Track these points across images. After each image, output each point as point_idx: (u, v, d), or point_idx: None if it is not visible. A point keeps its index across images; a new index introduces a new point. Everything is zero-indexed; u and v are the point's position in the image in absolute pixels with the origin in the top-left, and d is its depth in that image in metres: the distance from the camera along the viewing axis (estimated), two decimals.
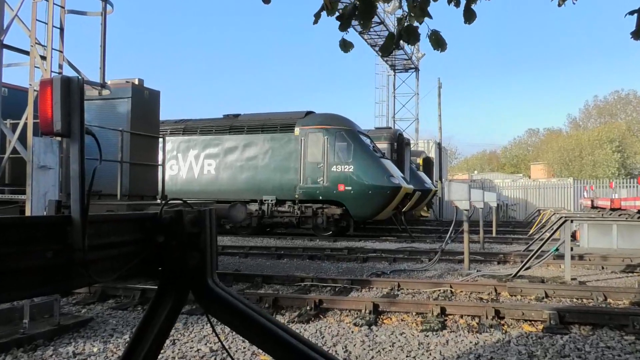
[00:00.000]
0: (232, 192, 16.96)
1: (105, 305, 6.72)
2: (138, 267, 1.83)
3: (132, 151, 9.16)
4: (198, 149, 17.63)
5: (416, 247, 13.56)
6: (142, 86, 9.60)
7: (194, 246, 1.88)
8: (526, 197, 30.05)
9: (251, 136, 17.13)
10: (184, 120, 18.90)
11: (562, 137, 53.41)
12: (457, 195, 9.62)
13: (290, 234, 17.59)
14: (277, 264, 10.83)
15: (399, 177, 16.40)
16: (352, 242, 15.15)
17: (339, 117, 17.12)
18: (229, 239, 15.76)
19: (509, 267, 10.15)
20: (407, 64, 35.32)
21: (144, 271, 1.88)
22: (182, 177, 17.67)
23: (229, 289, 1.98)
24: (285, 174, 16.44)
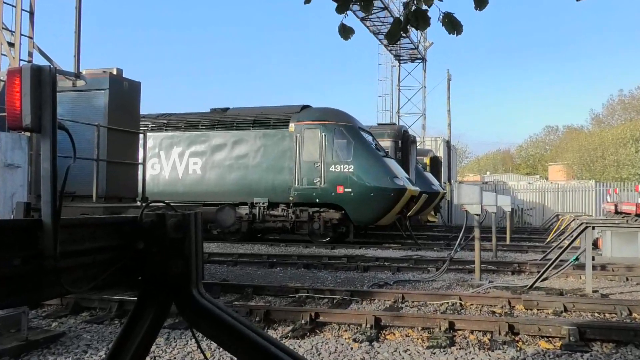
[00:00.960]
0: (220, 193, 16.94)
1: (79, 319, 6.70)
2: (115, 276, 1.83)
3: (110, 148, 9.14)
4: (182, 146, 17.62)
5: (422, 256, 13.56)
6: (120, 76, 9.58)
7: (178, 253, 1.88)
8: (543, 201, 30.12)
9: (241, 132, 17.12)
10: (167, 115, 18.87)
11: (584, 135, 53.54)
12: (467, 198, 9.63)
13: (283, 240, 17.58)
14: (269, 273, 10.82)
15: (403, 178, 16.42)
16: (351, 249, 15.16)
17: (338, 111, 17.12)
18: (216, 246, 15.74)
19: (524, 278, 10.16)
20: (413, 53, 35.36)
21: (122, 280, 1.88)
22: (164, 177, 17.65)
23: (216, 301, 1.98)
24: (279, 174, 16.44)
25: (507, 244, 16.76)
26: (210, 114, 18.27)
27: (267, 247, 15.84)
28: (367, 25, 29.33)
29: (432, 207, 23.66)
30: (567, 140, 57.74)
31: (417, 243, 16.52)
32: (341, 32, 3.61)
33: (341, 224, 16.21)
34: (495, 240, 13.40)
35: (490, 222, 13.88)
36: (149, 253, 1.88)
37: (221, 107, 18.42)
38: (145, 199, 9.48)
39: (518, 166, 74.36)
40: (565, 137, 63.88)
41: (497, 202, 12.93)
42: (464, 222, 10.31)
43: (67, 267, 1.68)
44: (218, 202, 16.82)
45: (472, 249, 12.86)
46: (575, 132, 60.39)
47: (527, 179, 44.03)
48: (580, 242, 10.09)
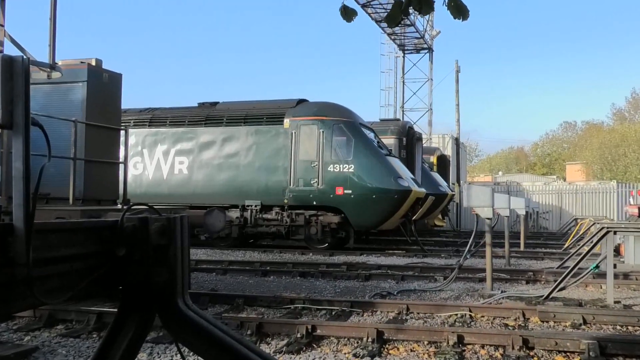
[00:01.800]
0: (208, 195, 16.93)
1: (54, 332, 6.69)
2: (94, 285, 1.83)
3: (88, 146, 9.13)
4: (167, 143, 17.61)
5: (429, 263, 13.57)
6: (100, 68, 9.57)
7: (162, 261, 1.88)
8: (560, 204, 30.17)
9: (231, 129, 17.11)
10: (151, 109, 18.85)
11: (604, 132, 53.64)
12: (478, 200, 9.64)
13: (278, 246, 17.58)
14: (262, 282, 10.82)
15: (408, 179, 16.43)
16: (352, 256, 15.16)
17: (338, 106, 17.12)
18: (204, 252, 15.72)
19: (539, 288, 10.17)
20: (418, 43, 35.42)
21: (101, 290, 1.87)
22: (148, 178, 17.64)
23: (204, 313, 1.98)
24: (273, 174, 16.44)
25: (521, 250, 16.77)
26: (197, 108, 18.26)
27: (260, 253, 15.83)
28: (368, 12, 29.38)
29: (440, 210, 23.68)
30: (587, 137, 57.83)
31: (423, 249, 16.53)
32: (343, 14, 3.58)
33: (340, 228, 16.21)
34: (508, 247, 13.41)
35: (503, 226, 13.90)
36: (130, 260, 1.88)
37: (210, 102, 18.41)
38: (126, 201, 9.46)
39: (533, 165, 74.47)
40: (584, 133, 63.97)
41: (510, 204, 12.94)
42: (474, 227, 10.32)
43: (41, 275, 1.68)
44: (206, 204, 16.76)
45: (482, 255, 12.87)
46: (596, 128, 60.51)
47: (543, 180, 44.09)
48: (600, 249, 10.11)
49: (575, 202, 29.92)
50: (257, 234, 17.08)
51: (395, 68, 36.62)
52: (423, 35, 34.29)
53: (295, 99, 17.35)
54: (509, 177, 48.06)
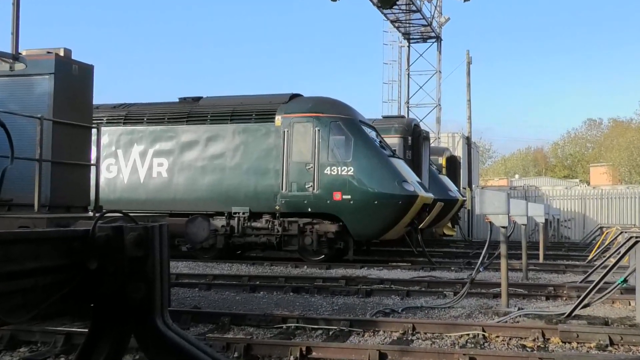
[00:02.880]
0: (190, 201, 16.91)
1: (16, 355, 6.66)
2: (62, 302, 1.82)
3: (56, 146, 9.11)
4: (145, 143, 17.59)
5: (437, 277, 13.57)
6: (69, 59, 9.56)
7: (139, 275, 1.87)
8: (584, 210, 30.23)
9: (217, 127, 17.10)
10: (126, 105, 18.83)
11: (633, 130, 53.84)
12: (491, 207, 9.64)
13: (268, 258, 17.55)
14: (251, 298, 10.80)
15: (414, 183, 16.45)
16: (351, 269, 15.16)
17: (335, 102, 17.12)
18: (185, 265, 15.68)
19: (561, 304, 10.18)
20: (425, 31, 35.50)
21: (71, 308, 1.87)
22: (122, 182, 17.61)
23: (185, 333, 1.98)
24: (263, 177, 16.43)
25: (541, 262, 16.79)
26: (178, 104, 18.25)
27: (248, 266, 15.80)
28: None
29: (449, 218, 23.69)
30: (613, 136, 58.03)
31: (431, 261, 16.53)
32: None
33: (338, 238, 16.20)
34: (526, 259, 13.42)
35: (520, 236, 13.91)
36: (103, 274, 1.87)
37: (192, 97, 18.40)
38: (99, 208, 9.44)
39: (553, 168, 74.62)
40: (610, 132, 64.17)
41: (527, 211, 12.96)
42: (487, 236, 10.31)
43: (2, 292, 1.67)
44: (188, 211, 16.74)
45: (497, 268, 12.86)
46: (623, 126, 60.70)
47: (564, 184, 44.19)
48: (629, 261, 10.11)
49: (601, 209, 29.96)
50: (245, 245, 17.05)
51: (399, 59, 36.70)
52: (430, 23, 34.37)
53: (287, 93, 17.36)
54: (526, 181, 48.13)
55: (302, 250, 16.43)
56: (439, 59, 36.19)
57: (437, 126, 35.27)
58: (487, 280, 12.72)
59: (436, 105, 35.88)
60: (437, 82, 36.01)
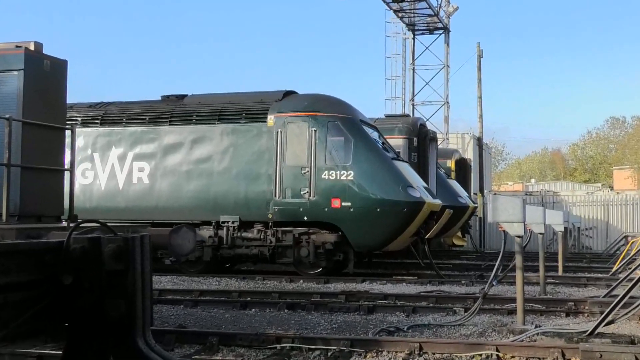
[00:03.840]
0: (174, 210, 16.88)
1: None
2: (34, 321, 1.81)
3: (26, 149, 9.09)
4: (124, 146, 17.57)
5: (446, 292, 13.56)
6: (40, 53, 9.56)
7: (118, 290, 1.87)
8: (607, 218, 30.26)
9: (203, 127, 17.09)
10: (104, 104, 18.81)
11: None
12: (505, 214, 9.64)
13: (260, 271, 17.52)
14: (241, 316, 10.79)
15: (420, 188, 16.45)
16: (351, 283, 15.14)
17: (333, 99, 17.12)
18: (169, 280, 15.65)
19: (582, 321, 10.18)
20: (432, 22, 35.58)
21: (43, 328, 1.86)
22: (99, 188, 17.58)
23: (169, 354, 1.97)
24: (254, 183, 16.41)
25: (560, 275, 16.78)
26: (161, 103, 18.24)
27: (238, 281, 15.78)
28: None
29: (459, 226, 23.69)
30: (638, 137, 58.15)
31: (440, 275, 16.52)
32: None
33: (337, 249, 16.18)
34: (544, 271, 13.42)
35: (537, 246, 13.91)
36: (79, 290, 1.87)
37: (176, 94, 18.39)
38: (73, 217, 9.43)
39: (573, 171, 74.78)
40: (635, 132, 64.33)
41: (545, 219, 12.96)
42: (501, 247, 10.31)
43: None
44: (172, 221, 16.70)
45: (512, 282, 12.84)
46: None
47: (585, 188, 44.24)
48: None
49: (625, 216, 29.99)
50: (235, 257, 17.02)
51: (403, 52, 36.75)
52: (437, 12, 34.44)
53: (281, 90, 17.35)
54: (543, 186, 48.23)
55: (297, 262, 16.41)
56: (447, 52, 36.27)
57: (445, 126, 35.33)
58: (501, 295, 12.71)
59: (444, 103, 35.93)
60: (445, 78, 36.08)
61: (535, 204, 29.21)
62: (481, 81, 32.38)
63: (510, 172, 79.71)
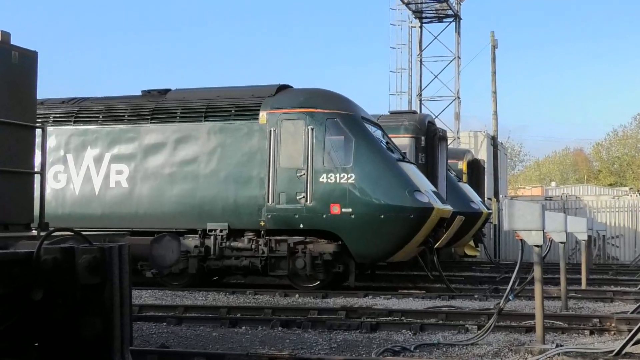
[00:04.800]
0: (156, 217, 16.87)
1: None
2: (0, 341, 1.81)
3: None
4: (100, 146, 17.56)
5: (457, 307, 13.56)
6: (7, 44, 9.56)
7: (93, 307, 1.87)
8: (636, 225, 30.27)
9: (188, 126, 17.09)
10: (78, 100, 18.80)
11: None
12: (523, 221, 9.65)
13: (252, 285, 17.52)
14: (231, 334, 10.78)
15: (428, 193, 16.45)
16: (353, 298, 15.14)
17: (332, 94, 17.13)
18: (151, 294, 15.64)
19: (608, 340, 10.17)
20: (441, 9, 35.67)
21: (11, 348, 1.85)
22: (73, 193, 17.56)
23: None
24: (244, 187, 16.40)
25: (583, 288, 16.77)
26: (141, 98, 18.23)
27: (227, 295, 15.77)
28: None
29: (472, 234, 23.69)
30: None
31: (450, 288, 16.52)
32: None
33: (337, 260, 16.17)
34: (565, 284, 13.43)
35: (558, 256, 13.93)
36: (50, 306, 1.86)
37: (158, 89, 18.38)
38: (44, 225, 9.42)
39: (597, 174, 74.85)
40: None
41: (566, 226, 12.97)
42: (518, 257, 10.31)
43: None
44: (154, 229, 16.70)
45: (530, 296, 12.84)
46: None
47: (611, 192, 44.28)
48: None
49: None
50: (224, 269, 17.00)
51: (409, 43, 36.82)
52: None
53: (274, 84, 17.34)
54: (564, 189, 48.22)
55: (292, 275, 16.40)
56: (458, 42, 36.31)
57: (456, 123, 35.38)
58: (518, 310, 12.71)
59: (455, 98, 35.96)
60: (456, 70, 36.12)
61: (555, 209, 29.24)
62: (496, 74, 32.44)
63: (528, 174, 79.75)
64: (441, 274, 17.07)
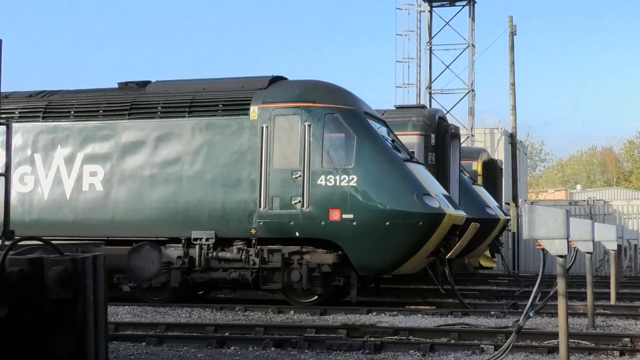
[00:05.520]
0: (135, 224, 16.85)
1: None
2: None
3: None
4: (72, 145, 17.54)
5: (472, 325, 13.56)
6: None
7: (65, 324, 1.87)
8: None
9: (170, 122, 17.08)
10: (47, 93, 18.78)
11: None
12: (545, 229, 9.65)
13: (242, 300, 17.52)
14: (218, 356, 10.78)
15: (439, 197, 16.45)
16: (354, 314, 15.14)
17: (331, 87, 17.14)
18: (128, 311, 15.63)
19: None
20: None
21: None
22: (42, 198, 17.55)
23: None
24: (233, 191, 16.39)
25: (612, 304, 16.77)
26: (118, 92, 18.22)
27: (214, 312, 15.77)
28: None
29: (488, 243, 23.69)
30: None
31: (463, 303, 16.53)
32: None
33: (337, 272, 16.16)
34: (593, 299, 13.42)
35: (584, 268, 13.94)
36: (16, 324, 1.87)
37: (136, 81, 18.36)
38: (9, 234, 9.42)
39: (628, 175, 74.91)
40: None
41: (594, 234, 12.97)
42: (539, 269, 10.32)
43: None
44: (132, 237, 16.71)
45: (553, 312, 12.84)
46: None
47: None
48: None
49: None
50: (210, 283, 16.98)
51: (418, 29, 36.79)
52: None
53: (267, 76, 17.34)
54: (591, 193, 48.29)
55: (287, 289, 16.39)
56: (472, 28, 36.31)
57: (470, 119, 35.38)
58: (539, 329, 12.71)
59: (468, 91, 35.96)
60: (470, 60, 36.10)
61: (581, 215, 29.23)
62: (514, 64, 32.45)
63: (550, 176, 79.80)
64: (453, 287, 17.08)
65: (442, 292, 17.87)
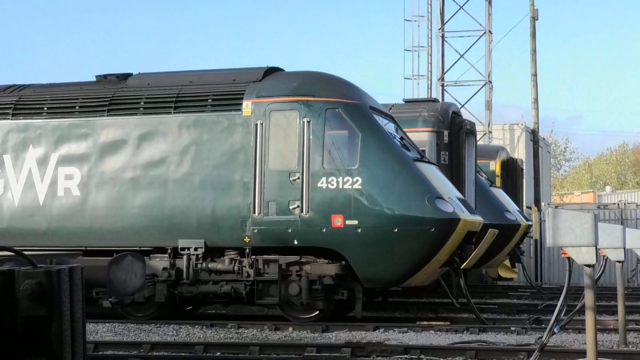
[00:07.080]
0: (115, 232, 16.86)
1: None
2: None
3: None
4: (45, 145, 17.55)
5: (490, 342, 13.56)
6: None
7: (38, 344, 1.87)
8: None
9: (154, 119, 17.09)
10: (17, 88, 18.79)
11: None
12: (570, 235, 9.66)
13: (234, 316, 17.53)
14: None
15: (453, 200, 16.45)
16: (360, 331, 15.15)
17: (333, 79, 17.16)
18: (109, 329, 15.63)
19: None
20: None
21: None
22: (11, 203, 17.55)
23: None
24: (225, 195, 16.40)
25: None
26: (96, 85, 18.23)
27: (204, 329, 15.77)
28: None
29: (507, 252, 23.69)
30: None
31: (481, 319, 16.53)
32: None
33: (340, 285, 16.18)
34: (624, 313, 13.42)
35: (614, 278, 13.94)
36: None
37: (116, 74, 18.36)
38: None
39: None
40: None
41: (625, 241, 12.98)
42: (565, 280, 10.32)
43: None
44: (112, 247, 16.73)
45: (581, 328, 12.83)
46: None
47: None
48: None
49: None
50: (199, 297, 16.99)
51: (429, 14, 36.78)
52: None
53: (261, 67, 17.34)
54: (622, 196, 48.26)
55: (285, 303, 16.40)
56: (489, 12, 36.29)
57: (487, 114, 35.37)
58: (565, 346, 12.72)
59: (485, 83, 35.97)
60: (487, 48, 36.11)
61: (611, 220, 29.23)
62: (536, 52, 32.44)
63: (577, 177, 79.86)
64: (469, 301, 17.08)
65: (456, 306, 17.87)
